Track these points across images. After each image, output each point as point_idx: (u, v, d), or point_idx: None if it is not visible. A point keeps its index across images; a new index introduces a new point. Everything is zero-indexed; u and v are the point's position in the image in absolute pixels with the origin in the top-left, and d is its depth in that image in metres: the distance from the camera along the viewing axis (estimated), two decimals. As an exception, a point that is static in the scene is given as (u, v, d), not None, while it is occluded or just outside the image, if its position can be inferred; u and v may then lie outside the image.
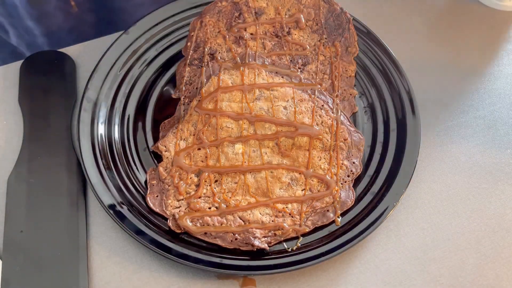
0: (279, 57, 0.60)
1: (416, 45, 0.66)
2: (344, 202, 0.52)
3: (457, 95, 0.62)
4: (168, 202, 0.52)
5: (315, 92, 0.57)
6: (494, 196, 0.56)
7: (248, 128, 0.55)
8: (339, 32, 0.62)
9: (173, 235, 0.50)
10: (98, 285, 0.49)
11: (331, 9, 0.63)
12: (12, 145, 0.56)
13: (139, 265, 0.50)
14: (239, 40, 0.61)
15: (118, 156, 0.54)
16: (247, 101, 0.56)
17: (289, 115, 0.55)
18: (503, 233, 0.54)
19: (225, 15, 0.62)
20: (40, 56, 0.61)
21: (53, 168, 0.54)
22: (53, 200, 0.52)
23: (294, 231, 0.51)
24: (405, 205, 0.55)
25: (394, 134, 0.56)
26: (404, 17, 0.69)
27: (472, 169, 0.57)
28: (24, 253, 0.49)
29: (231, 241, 0.50)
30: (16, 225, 0.50)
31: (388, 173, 0.54)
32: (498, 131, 0.60)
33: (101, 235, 0.52)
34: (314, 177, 0.53)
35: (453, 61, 0.65)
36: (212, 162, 0.54)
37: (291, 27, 0.62)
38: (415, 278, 0.51)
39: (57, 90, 0.59)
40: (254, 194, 0.52)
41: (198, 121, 0.55)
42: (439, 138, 0.59)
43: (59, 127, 0.56)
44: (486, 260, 0.52)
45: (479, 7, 0.70)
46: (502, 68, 0.65)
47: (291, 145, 0.54)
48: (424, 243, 0.53)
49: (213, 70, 0.59)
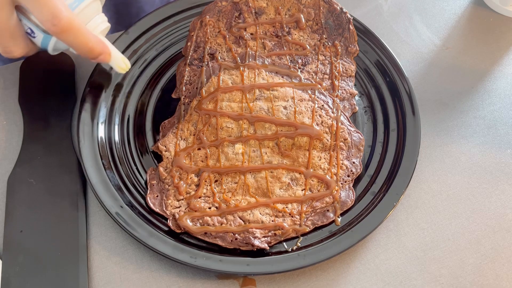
0: (279, 57, 0.60)
1: (416, 45, 0.66)
2: (344, 202, 0.52)
3: (457, 95, 0.62)
4: (168, 202, 0.52)
5: (315, 92, 0.57)
6: (494, 196, 0.56)
7: (248, 128, 0.55)
8: (339, 32, 0.62)
9: (173, 235, 0.50)
10: (98, 285, 0.49)
11: (331, 9, 0.63)
12: (12, 145, 0.56)
13: (139, 265, 0.50)
14: (239, 40, 0.61)
15: (118, 156, 0.54)
16: (247, 101, 0.56)
17: (289, 115, 0.55)
18: (503, 233, 0.54)
19: (225, 15, 0.62)
20: (40, 56, 0.61)
21: (53, 168, 0.53)
22: (53, 200, 0.52)
23: (294, 231, 0.51)
24: (405, 205, 0.55)
25: (394, 134, 0.56)
26: (404, 17, 0.69)
27: (472, 169, 0.57)
28: (24, 253, 0.49)
29: (231, 241, 0.50)
30: (16, 225, 0.50)
31: (388, 173, 0.54)
32: (498, 131, 0.60)
33: (101, 235, 0.52)
34: (314, 177, 0.53)
35: (453, 61, 0.65)
36: (212, 162, 0.54)
37: (291, 27, 0.62)
38: (415, 278, 0.51)
39: (57, 90, 0.59)
40: (254, 194, 0.52)
41: (198, 121, 0.55)
42: (439, 138, 0.59)
43: (59, 127, 0.56)
44: (486, 260, 0.52)
45: (480, 9, 0.70)
46: (502, 68, 0.65)
47: (291, 145, 0.54)
48: (424, 243, 0.53)
49: (213, 70, 0.59)
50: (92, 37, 0.48)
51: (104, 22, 0.52)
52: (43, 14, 0.45)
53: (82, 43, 0.47)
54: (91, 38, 0.48)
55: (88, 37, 0.48)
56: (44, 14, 0.45)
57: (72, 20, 0.46)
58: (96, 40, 0.49)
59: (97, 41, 0.49)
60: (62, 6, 0.45)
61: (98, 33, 0.51)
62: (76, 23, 0.46)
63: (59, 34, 0.46)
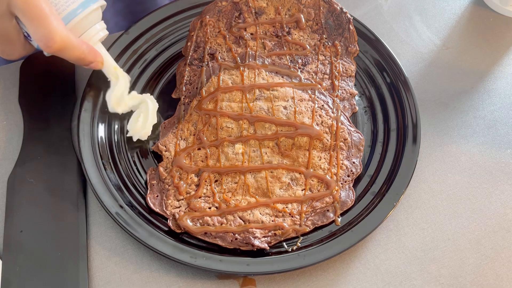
0: (279, 57, 0.60)
1: (416, 45, 0.66)
2: (344, 202, 0.52)
3: (457, 95, 0.62)
4: (168, 202, 0.52)
5: (315, 92, 0.57)
6: (494, 196, 0.56)
7: (248, 128, 0.55)
8: (339, 32, 0.62)
9: (173, 235, 0.50)
10: (98, 285, 0.49)
11: (331, 9, 0.63)
12: (12, 145, 0.56)
13: (139, 265, 0.50)
14: (239, 40, 0.61)
15: (118, 156, 0.54)
16: (247, 101, 0.56)
17: (289, 115, 0.55)
18: (503, 233, 0.54)
19: (225, 15, 0.62)
20: (40, 56, 0.61)
21: (53, 168, 0.54)
22: (53, 200, 0.52)
23: (294, 231, 0.51)
24: (405, 205, 0.55)
25: (394, 134, 0.56)
26: (404, 17, 0.69)
27: (472, 169, 0.57)
28: (24, 253, 0.49)
29: (231, 241, 0.50)
30: (16, 225, 0.50)
31: (388, 173, 0.54)
32: (498, 131, 0.60)
33: (101, 235, 0.52)
34: (314, 177, 0.53)
35: (453, 61, 0.65)
36: (212, 162, 0.54)
37: (291, 27, 0.62)
38: (415, 278, 0.51)
39: (57, 90, 0.59)
40: (254, 194, 0.52)
41: (198, 121, 0.55)
42: (439, 138, 0.59)
43: (59, 127, 0.56)
44: (486, 260, 0.52)
45: (480, 9, 0.70)
46: (502, 68, 0.65)
47: (291, 145, 0.54)
48: (424, 243, 0.53)
49: (213, 70, 0.59)
50: (85, 48, 0.50)
51: (103, 30, 0.54)
52: (37, 35, 0.47)
53: (74, 56, 0.50)
54: (84, 49, 0.50)
55: (81, 50, 0.50)
56: (38, 36, 0.47)
57: (65, 41, 0.47)
58: (88, 51, 0.51)
59: (90, 51, 0.51)
60: (57, 26, 0.47)
61: (96, 41, 0.53)
62: (69, 43, 0.48)
63: (53, 53, 0.48)
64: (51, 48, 0.47)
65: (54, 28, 0.46)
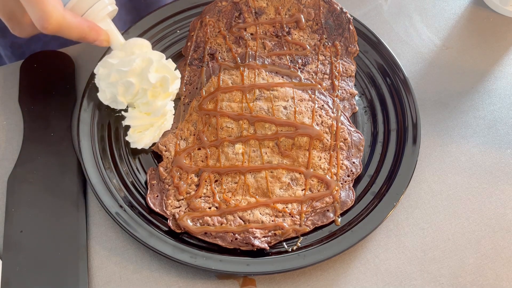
0: (279, 57, 0.60)
1: (416, 45, 0.66)
2: (344, 202, 0.52)
3: (457, 95, 0.62)
4: (168, 202, 0.52)
5: (315, 92, 0.57)
6: (494, 196, 0.56)
7: (248, 128, 0.55)
8: (339, 32, 0.62)
9: (173, 235, 0.50)
10: (98, 285, 0.49)
11: (331, 9, 0.63)
12: (12, 145, 0.56)
13: (139, 265, 0.50)
14: (239, 40, 0.61)
15: (118, 156, 0.54)
16: (247, 101, 0.56)
17: (289, 115, 0.55)
18: (503, 233, 0.54)
19: (225, 15, 0.62)
20: (40, 56, 0.61)
21: (53, 168, 0.54)
22: (53, 200, 0.52)
23: (294, 231, 0.51)
24: (405, 205, 0.55)
25: (394, 134, 0.56)
26: (404, 17, 0.69)
27: (472, 169, 0.57)
28: (24, 253, 0.49)
29: (231, 241, 0.50)
30: (16, 225, 0.50)
31: (388, 173, 0.54)
32: (498, 131, 0.60)
33: (101, 235, 0.52)
34: (314, 177, 0.53)
35: (453, 61, 0.65)
36: (212, 162, 0.54)
37: (291, 27, 0.62)
38: (415, 278, 0.51)
39: (57, 90, 0.59)
40: (254, 194, 0.52)
41: (198, 121, 0.55)
42: (439, 138, 0.59)
43: (59, 127, 0.56)
44: (486, 260, 0.52)
45: (480, 9, 0.70)
46: (502, 68, 0.65)
47: (291, 145, 0.54)
48: (424, 243, 0.53)
49: (213, 70, 0.59)
50: (86, 26, 0.50)
51: (111, 4, 0.53)
52: (34, 16, 0.47)
53: (73, 35, 0.49)
54: (84, 28, 0.49)
55: (80, 29, 0.49)
56: (35, 16, 0.47)
57: (60, 22, 0.47)
58: (89, 29, 0.50)
59: (91, 29, 0.50)
60: (52, 6, 0.46)
61: (102, 17, 0.52)
62: (66, 22, 0.47)
63: (51, 33, 0.48)
64: (47, 29, 0.47)
65: (50, 9, 0.46)
